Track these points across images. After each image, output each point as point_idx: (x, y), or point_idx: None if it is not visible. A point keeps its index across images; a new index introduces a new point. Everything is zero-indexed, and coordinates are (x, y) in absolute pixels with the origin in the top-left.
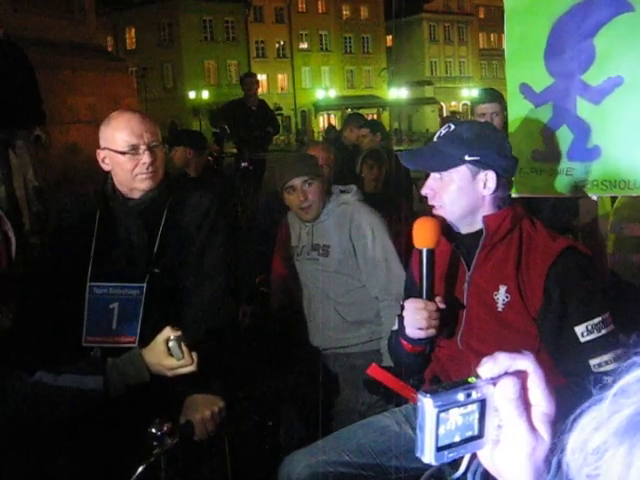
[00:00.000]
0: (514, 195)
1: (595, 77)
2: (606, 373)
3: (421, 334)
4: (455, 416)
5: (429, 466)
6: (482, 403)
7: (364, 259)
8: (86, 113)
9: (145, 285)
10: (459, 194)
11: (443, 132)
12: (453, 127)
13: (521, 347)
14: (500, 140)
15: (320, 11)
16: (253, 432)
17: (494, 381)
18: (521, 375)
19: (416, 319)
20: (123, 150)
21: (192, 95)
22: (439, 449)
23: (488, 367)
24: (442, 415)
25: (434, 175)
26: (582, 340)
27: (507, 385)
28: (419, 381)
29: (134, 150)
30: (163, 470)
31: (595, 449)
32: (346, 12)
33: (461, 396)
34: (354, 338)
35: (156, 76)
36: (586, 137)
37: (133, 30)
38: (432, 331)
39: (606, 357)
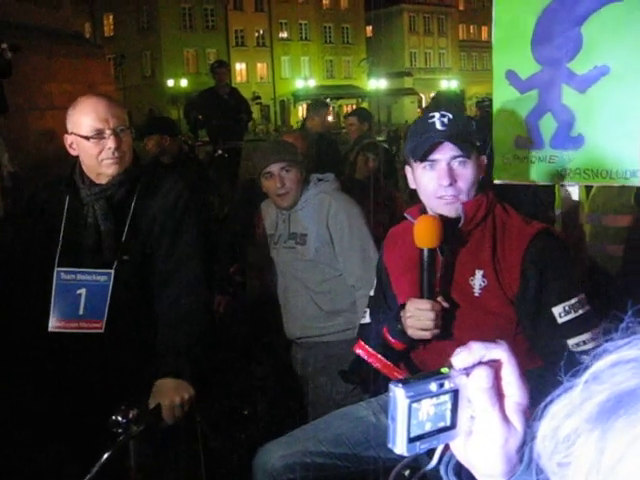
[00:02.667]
0: (496, 181)
1: (581, 65)
2: (584, 352)
3: (426, 335)
4: (427, 407)
5: (406, 457)
6: (455, 394)
7: (341, 248)
8: (62, 99)
9: (113, 271)
10: (475, 179)
11: (445, 120)
12: (450, 115)
13: (499, 331)
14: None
15: (300, 0)
16: (228, 421)
17: (467, 371)
18: (495, 365)
19: (421, 321)
20: (88, 135)
21: (171, 83)
22: (411, 440)
23: (461, 357)
24: (414, 405)
25: (453, 163)
26: (560, 321)
27: (480, 375)
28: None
29: (100, 135)
30: (132, 457)
31: (567, 436)
32: (326, 2)
33: (433, 386)
34: (330, 327)
35: (134, 64)
36: (570, 125)
37: (111, 17)
38: (437, 331)
39: (584, 337)
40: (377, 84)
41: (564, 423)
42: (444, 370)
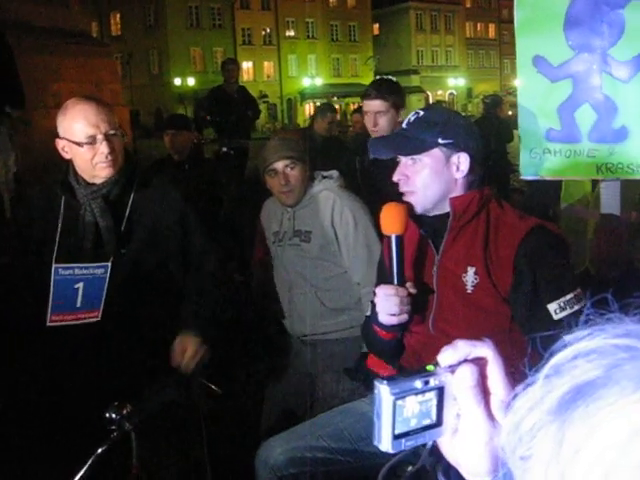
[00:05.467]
0: (523, 177)
1: (624, 52)
2: None
3: (393, 320)
4: (412, 404)
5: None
6: (440, 391)
7: (346, 246)
8: (69, 98)
9: (109, 264)
10: (433, 178)
11: (412, 118)
12: (422, 113)
13: (492, 328)
14: (468, 123)
15: None
16: (231, 417)
17: (452, 369)
18: (480, 362)
19: (387, 305)
20: (80, 141)
21: (178, 82)
22: (396, 437)
23: (447, 355)
24: (399, 402)
25: (406, 161)
26: (555, 318)
27: (465, 373)
28: (395, 369)
29: (92, 140)
30: (134, 453)
31: (529, 430)
32: (333, 0)
33: (418, 384)
34: (334, 325)
35: (141, 62)
36: (611, 117)
37: (118, 15)
38: (404, 317)
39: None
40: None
41: (526, 417)
42: (429, 367)
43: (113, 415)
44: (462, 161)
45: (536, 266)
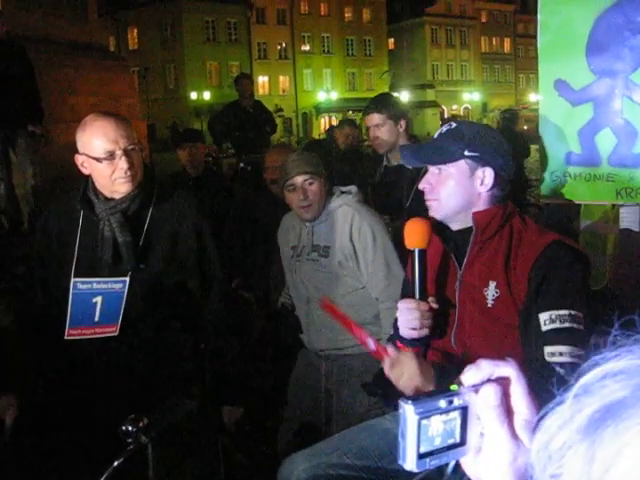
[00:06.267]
0: (543, 200)
1: None
2: (560, 365)
3: (414, 334)
4: (437, 423)
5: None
6: (464, 410)
7: (365, 261)
8: (87, 112)
9: (128, 279)
10: (456, 188)
11: (444, 129)
12: (454, 125)
13: (513, 342)
14: (499, 140)
15: (322, 13)
16: (247, 430)
17: (476, 388)
18: (503, 382)
19: (409, 319)
20: (100, 157)
21: (194, 96)
22: (421, 456)
23: (470, 374)
24: (423, 422)
25: (433, 170)
26: (543, 328)
27: (489, 392)
28: None
29: (111, 156)
30: (151, 467)
31: (558, 448)
32: (348, 14)
33: (443, 403)
34: (352, 340)
35: (158, 76)
36: (631, 141)
37: (135, 30)
38: (425, 331)
39: (562, 348)
40: (399, 96)
41: (556, 436)
42: (453, 387)
43: (129, 428)
44: (487, 175)
45: (545, 277)
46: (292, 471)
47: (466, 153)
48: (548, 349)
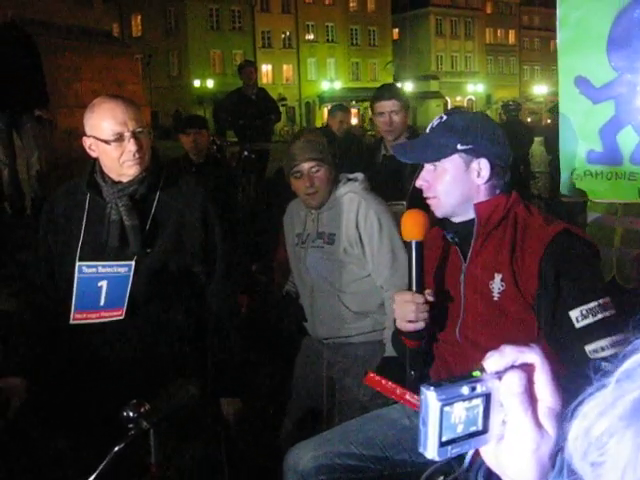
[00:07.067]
0: (564, 199)
1: None
2: (604, 359)
3: (409, 327)
4: (459, 410)
5: (438, 461)
6: (487, 397)
7: (370, 249)
8: (91, 98)
9: (134, 263)
10: (453, 184)
11: (435, 123)
12: (445, 117)
13: (519, 336)
14: (492, 128)
15: (327, 2)
16: (250, 418)
17: (499, 375)
18: (527, 369)
19: (404, 312)
20: (108, 139)
21: (197, 84)
22: (442, 444)
23: (494, 360)
24: (446, 409)
25: (428, 166)
26: (577, 325)
27: (513, 379)
28: (422, 378)
29: (119, 138)
30: (153, 454)
31: (600, 435)
32: (353, 4)
33: (465, 390)
34: (357, 328)
35: (161, 64)
36: None
37: (139, 17)
38: (421, 324)
39: (602, 343)
40: (403, 87)
41: (597, 422)
42: (476, 373)
43: (130, 414)
44: (483, 167)
45: (561, 271)
46: (299, 460)
47: (459, 147)
48: (589, 347)
